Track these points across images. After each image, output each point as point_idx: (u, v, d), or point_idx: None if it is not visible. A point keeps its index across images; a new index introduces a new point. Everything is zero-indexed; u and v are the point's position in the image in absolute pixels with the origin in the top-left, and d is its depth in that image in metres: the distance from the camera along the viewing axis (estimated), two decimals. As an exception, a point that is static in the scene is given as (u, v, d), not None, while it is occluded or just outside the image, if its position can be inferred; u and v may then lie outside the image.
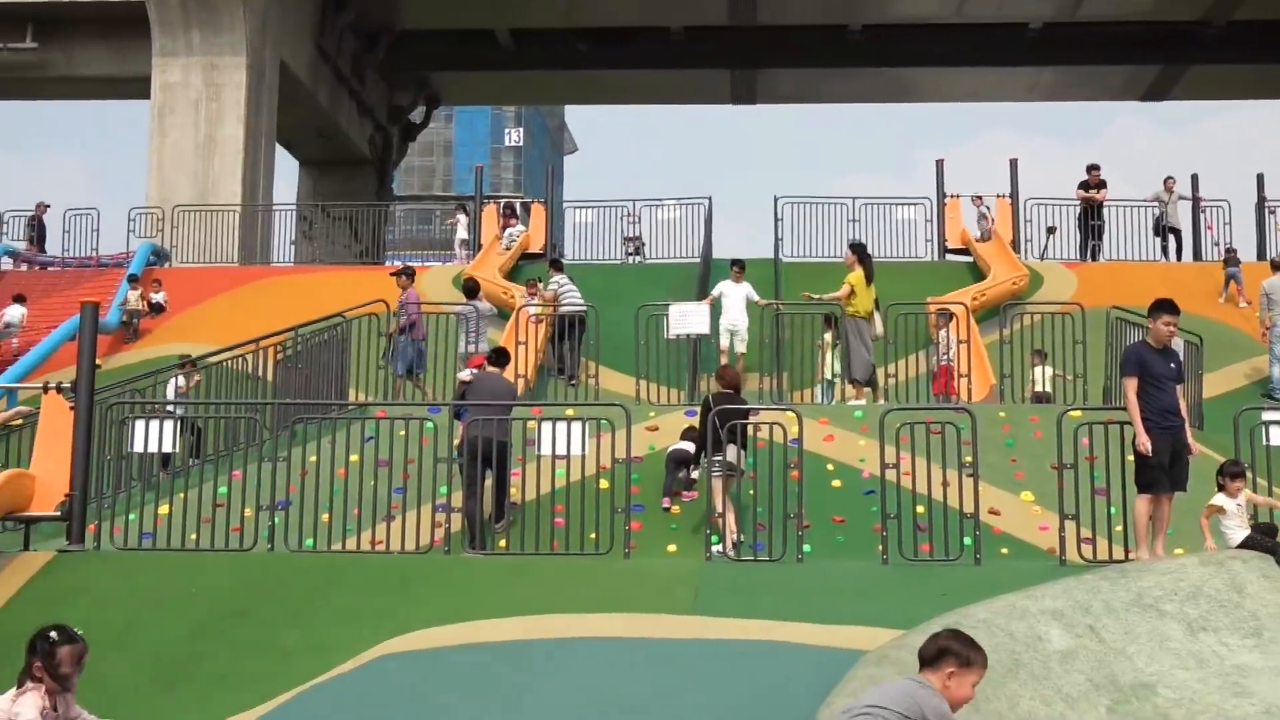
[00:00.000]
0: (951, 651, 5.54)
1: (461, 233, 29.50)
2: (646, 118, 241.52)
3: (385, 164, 44.27)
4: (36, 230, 29.90)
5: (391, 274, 19.83)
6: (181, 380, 16.72)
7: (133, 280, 23.65)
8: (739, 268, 19.81)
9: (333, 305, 19.35)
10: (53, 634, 6.07)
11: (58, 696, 6.00)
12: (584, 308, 19.32)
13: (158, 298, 23.83)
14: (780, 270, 23.93)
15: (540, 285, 20.79)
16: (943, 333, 17.99)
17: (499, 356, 14.29)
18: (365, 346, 17.97)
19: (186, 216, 29.66)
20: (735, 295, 19.26)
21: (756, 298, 19.19)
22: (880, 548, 11.45)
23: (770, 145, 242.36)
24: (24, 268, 28.29)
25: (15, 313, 23.27)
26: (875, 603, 9.76)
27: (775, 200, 26.43)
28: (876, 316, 16.88)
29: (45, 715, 5.92)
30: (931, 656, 5.57)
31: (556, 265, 21.41)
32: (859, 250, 17.36)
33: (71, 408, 12.39)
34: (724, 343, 18.88)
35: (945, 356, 17.74)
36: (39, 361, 20.67)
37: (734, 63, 42.11)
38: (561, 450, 12.13)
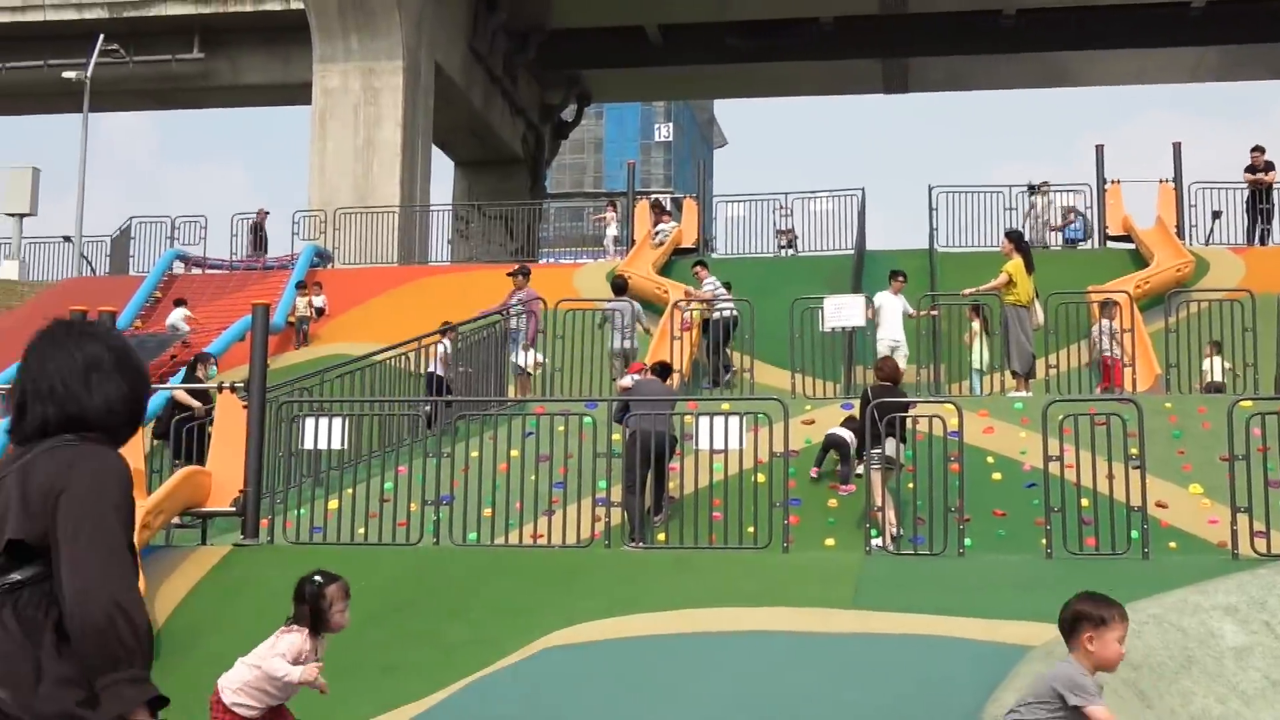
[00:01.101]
0: (1084, 615, 5.45)
1: (612, 229, 29.71)
2: (796, 109, 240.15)
3: (538, 162, 44.78)
4: (256, 235, 30.71)
5: (508, 274, 19.96)
6: (446, 344, 17.57)
7: (300, 287, 24.21)
8: (900, 278, 18.56)
9: (489, 303, 19.68)
10: (317, 577, 6.58)
11: (317, 640, 6.51)
12: (736, 312, 19.05)
13: (318, 301, 24.38)
14: (935, 261, 23.64)
15: (705, 270, 20.50)
16: (1101, 324, 17.52)
17: (663, 370, 14.34)
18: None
19: (347, 218, 30.39)
20: (893, 307, 18.07)
21: (911, 311, 18.29)
22: (1044, 541, 11.27)
23: (923, 134, 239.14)
24: (195, 271, 29.22)
25: (177, 315, 24.09)
26: (1039, 597, 9.59)
27: (930, 190, 26.14)
28: (1037, 305, 16.58)
29: (304, 657, 6.43)
30: (1068, 627, 5.49)
31: (704, 265, 21.02)
32: (1016, 238, 17.06)
33: (244, 406, 12.79)
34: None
35: (1107, 349, 17.28)
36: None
37: (885, 52, 41.70)
38: (719, 445, 12.18)
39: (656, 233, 26.28)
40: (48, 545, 3.07)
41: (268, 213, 31.22)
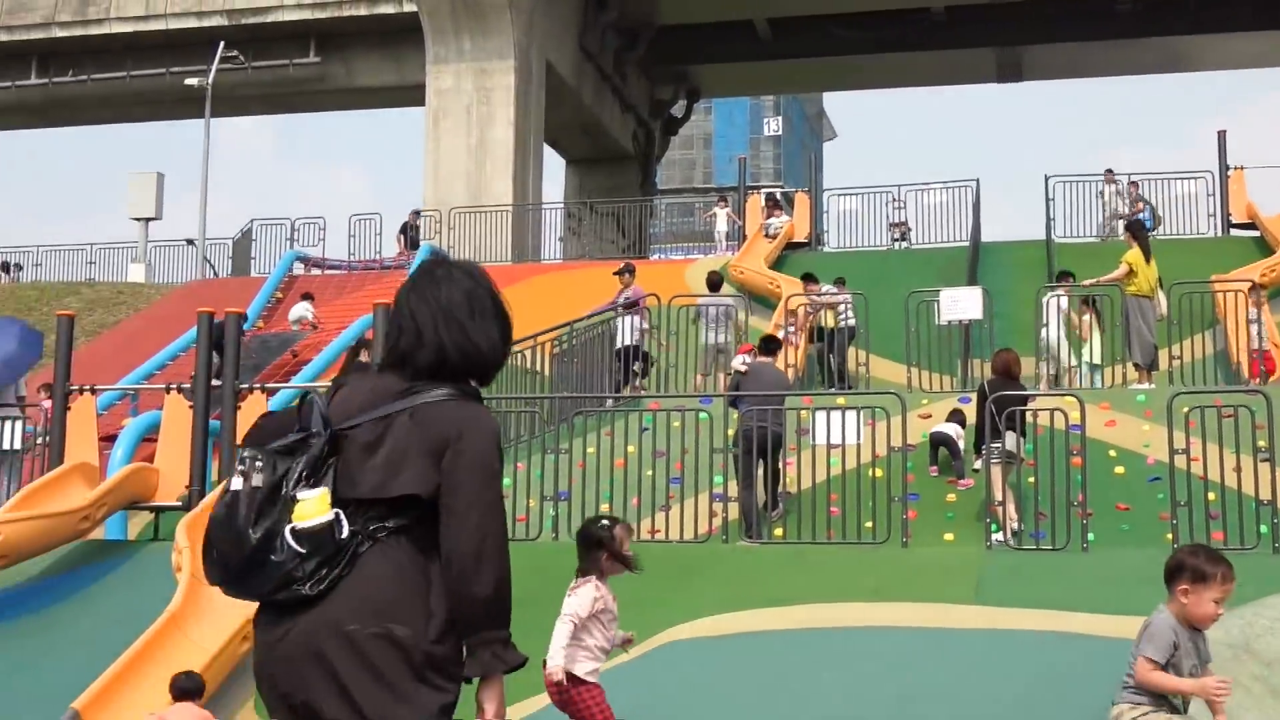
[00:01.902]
0: (1185, 567, 5.40)
1: (721, 224, 29.70)
2: (907, 100, 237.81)
3: (648, 159, 44.92)
4: (407, 235, 31.14)
5: (614, 273, 19.98)
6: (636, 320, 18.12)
7: None
8: (1068, 279, 17.74)
9: (601, 299, 19.80)
10: (602, 521, 6.88)
11: (606, 587, 6.69)
12: (854, 321, 18.72)
13: None
14: (1053, 251, 23.31)
15: (815, 283, 19.77)
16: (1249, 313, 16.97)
17: (769, 344, 14.36)
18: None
19: (462, 218, 30.75)
20: (1058, 309, 17.09)
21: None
22: (1169, 536, 11.08)
23: (1037, 123, 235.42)
24: (314, 272, 29.77)
25: (302, 308, 24.55)
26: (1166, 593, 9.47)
27: (1046, 180, 25.78)
28: (1160, 296, 16.28)
29: (602, 605, 6.66)
30: (1168, 575, 5.45)
31: (810, 279, 19.69)
32: (1135, 227, 16.76)
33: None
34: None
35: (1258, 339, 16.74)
36: (330, 362, 21.74)
37: (998, 40, 41.18)
38: (835, 439, 12.15)
39: (768, 227, 26.24)
40: (434, 498, 3.25)
41: (419, 213, 31.51)
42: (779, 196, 29.09)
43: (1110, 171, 26.40)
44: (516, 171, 33.81)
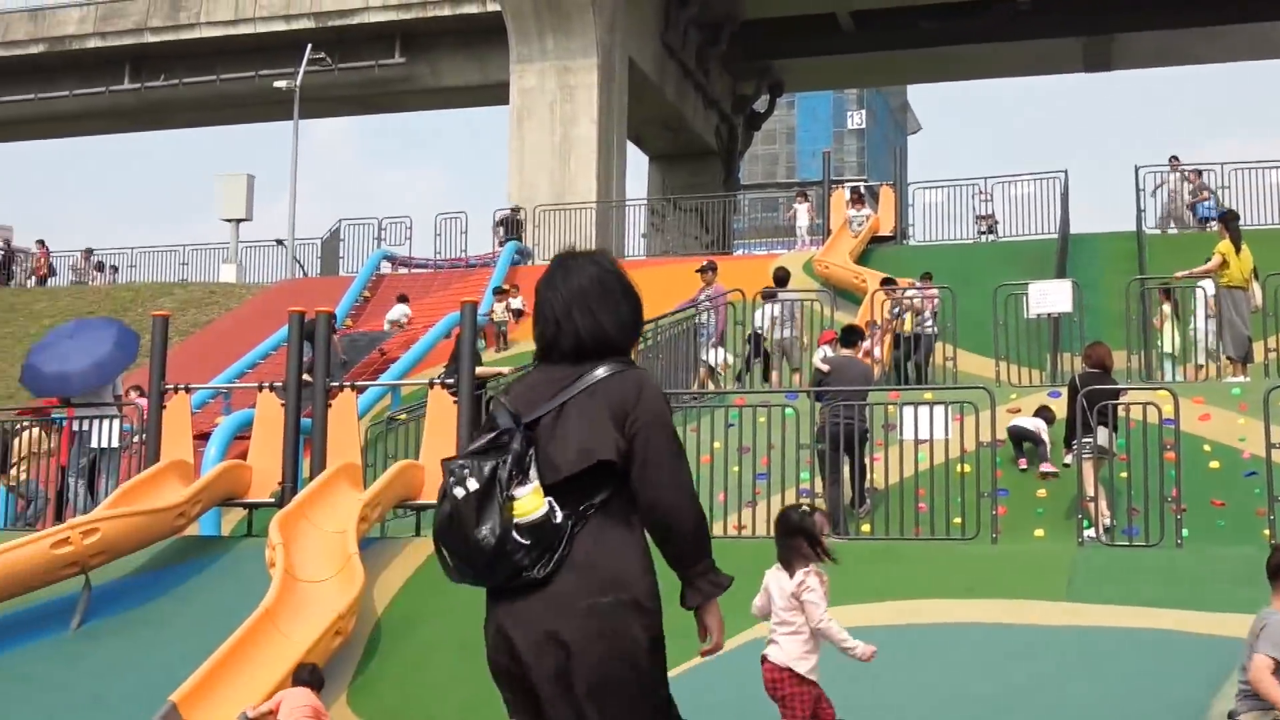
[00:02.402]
0: None
1: (803, 219, 29.55)
2: (992, 91, 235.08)
3: (731, 154, 44.83)
4: (507, 229, 31.23)
5: (697, 270, 19.87)
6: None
7: (498, 293, 24.36)
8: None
9: (685, 295, 19.79)
10: (802, 507, 6.66)
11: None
12: (936, 330, 18.51)
13: (516, 303, 24.30)
14: (1144, 243, 22.95)
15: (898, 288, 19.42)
16: None
17: (850, 335, 14.28)
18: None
19: (546, 215, 30.88)
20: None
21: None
22: (1266, 532, 10.88)
23: (1126, 112, 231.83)
24: (401, 271, 30.06)
25: (399, 311, 24.81)
26: (1264, 590, 9.30)
27: (1136, 170, 25.41)
28: (1255, 287, 15.97)
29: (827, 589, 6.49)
30: (1270, 570, 5.35)
31: (890, 283, 19.46)
32: (1227, 219, 16.45)
33: (454, 402, 13.14)
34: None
35: None
36: (419, 358, 21.97)
37: (1086, 29, 40.60)
38: (924, 434, 12.05)
39: (853, 221, 26.09)
40: (624, 464, 3.57)
41: (518, 209, 31.61)
42: (863, 190, 28.91)
43: (1175, 159, 25.92)
44: (600, 168, 33.89)
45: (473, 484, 3.50)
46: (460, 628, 9.08)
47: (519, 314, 24.03)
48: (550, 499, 3.52)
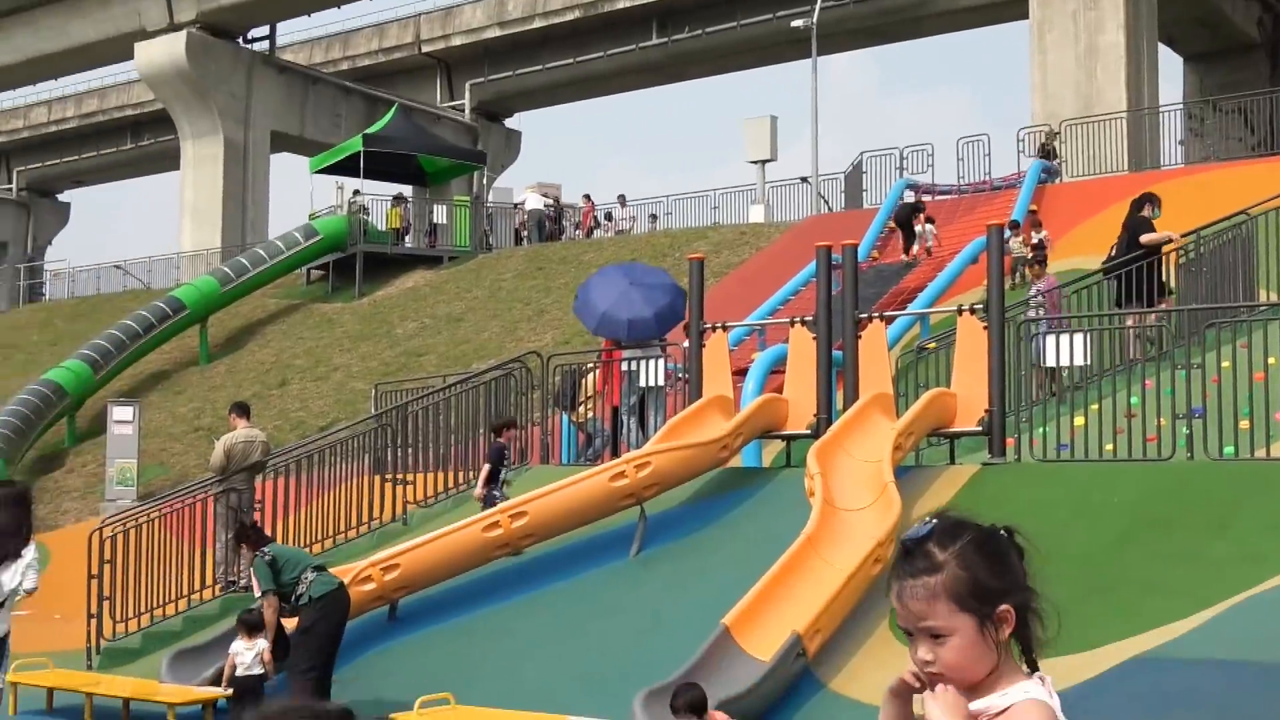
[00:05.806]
0: None
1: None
2: None
3: (1276, 45, 41.28)
4: (1045, 154, 30.31)
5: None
6: None
7: (1014, 226, 22.92)
8: None
9: (1229, 204, 18.45)
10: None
11: None
12: None
13: (1039, 236, 22.71)
14: None
15: None
16: None
17: None
18: (1273, 244, 17.04)
19: (1073, 130, 29.71)
20: None
21: None
22: None
23: None
24: (925, 198, 29.81)
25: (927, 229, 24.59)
26: None
27: None
28: None
29: None
30: None
31: None
32: None
33: (984, 327, 12.97)
34: None
35: None
36: (947, 285, 21.79)
37: None
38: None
39: None
40: None
41: (1056, 132, 30.47)
42: None
43: None
44: (1129, 76, 32.14)
45: None
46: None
47: (1041, 248, 20.89)
48: None
